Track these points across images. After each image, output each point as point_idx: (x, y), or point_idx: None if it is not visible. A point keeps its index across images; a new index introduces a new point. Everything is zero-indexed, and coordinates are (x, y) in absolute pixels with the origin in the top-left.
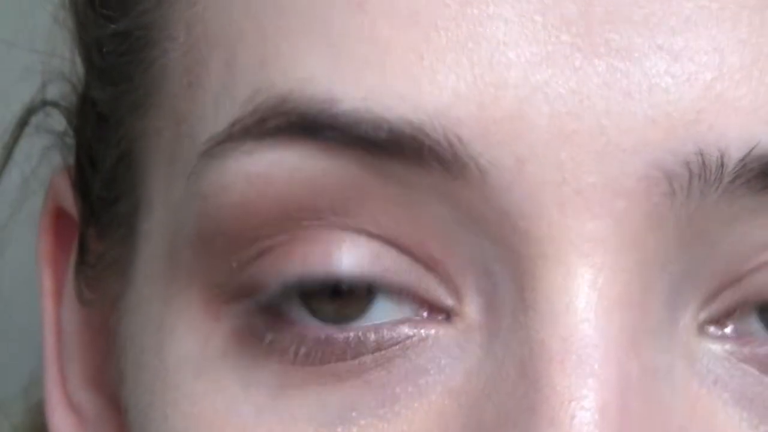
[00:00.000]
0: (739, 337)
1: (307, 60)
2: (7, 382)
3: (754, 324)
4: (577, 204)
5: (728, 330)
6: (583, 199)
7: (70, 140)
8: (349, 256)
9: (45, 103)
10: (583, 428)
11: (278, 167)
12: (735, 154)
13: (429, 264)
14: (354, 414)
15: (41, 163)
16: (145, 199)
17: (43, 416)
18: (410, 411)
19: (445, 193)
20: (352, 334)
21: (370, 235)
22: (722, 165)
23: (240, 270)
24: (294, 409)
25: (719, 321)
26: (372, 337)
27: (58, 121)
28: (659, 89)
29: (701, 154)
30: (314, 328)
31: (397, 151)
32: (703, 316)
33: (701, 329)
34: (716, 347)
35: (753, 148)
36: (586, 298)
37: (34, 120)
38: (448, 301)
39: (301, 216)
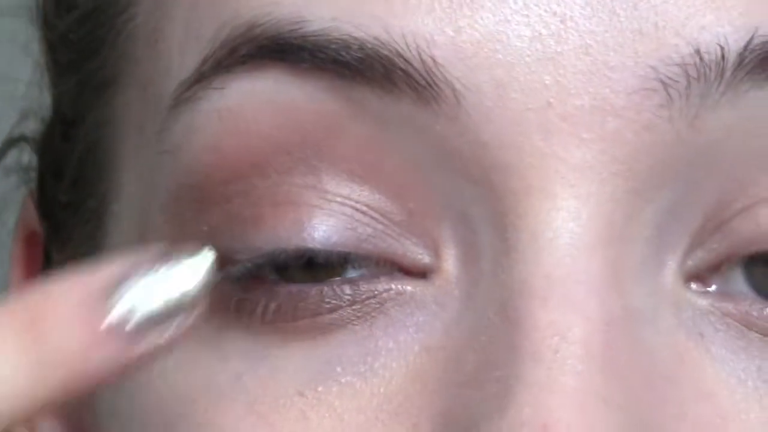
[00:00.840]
0: (721, 293)
1: None
2: None
3: (739, 282)
4: (563, 129)
5: (713, 288)
6: (569, 124)
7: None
8: (322, 229)
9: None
10: (566, 362)
11: (249, 99)
12: (734, 46)
13: (405, 222)
14: (339, 369)
15: None
16: (114, 183)
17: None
18: (388, 371)
19: (417, 126)
20: (326, 288)
21: (344, 202)
22: (723, 58)
23: (211, 237)
24: (274, 371)
25: (703, 277)
26: (347, 290)
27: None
28: (644, 2)
29: (698, 53)
30: (285, 285)
31: (367, 75)
32: (688, 264)
33: (686, 282)
34: (701, 301)
35: (752, 37)
36: (569, 232)
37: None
38: (426, 259)
39: (272, 158)
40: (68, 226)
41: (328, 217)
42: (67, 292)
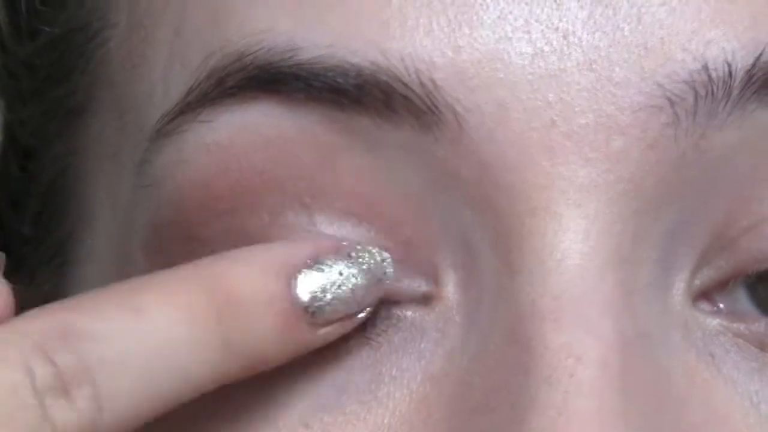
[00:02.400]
0: (730, 313)
1: (265, 11)
2: None
3: (743, 301)
4: (567, 148)
5: (720, 306)
6: (574, 143)
7: None
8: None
9: None
10: (583, 385)
11: (239, 132)
12: (741, 64)
13: (401, 254)
14: (344, 397)
15: None
16: (85, 216)
17: None
18: (392, 401)
19: (417, 152)
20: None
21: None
22: (730, 76)
23: None
24: (278, 402)
25: (710, 297)
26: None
27: None
28: (649, 16)
29: (706, 70)
30: None
31: (365, 102)
32: (696, 283)
33: (694, 302)
34: (710, 321)
35: (760, 55)
36: (578, 252)
37: None
38: (424, 287)
39: (265, 195)
40: (31, 260)
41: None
42: (259, 272)
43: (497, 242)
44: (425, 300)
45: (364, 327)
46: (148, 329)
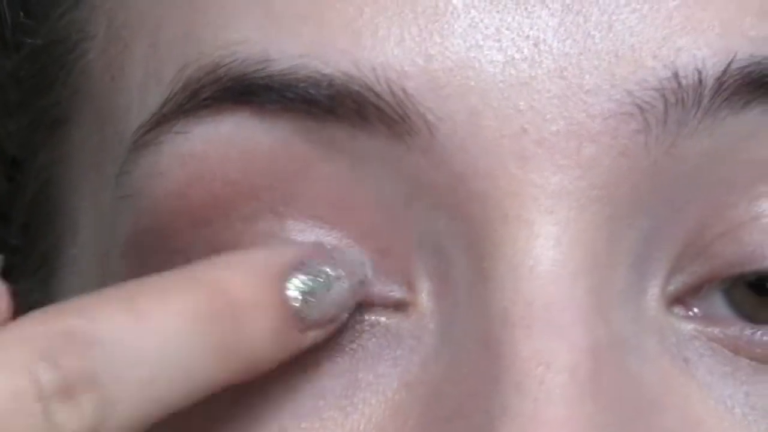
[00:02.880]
0: (705, 317)
1: (239, 23)
2: None
3: (718, 305)
4: (539, 156)
5: (695, 312)
6: (545, 150)
7: None
8: None
9: None
10: (553, 392)
11: (213, 143)
12: (712, 71)
13: (377, 258)
14: (321, 403)
15: None
16: (69, 226)
17: None
18: (368, 407)
19: (390, 161)
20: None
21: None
22: (700, 83)
23: None
24: (253, 407)
25: (685, 301)
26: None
27: None
28: (620, 24)
29: (676, 77)
30: None
31: (338, 112)
32: (670, 289)
33: (669, 307)
34: (684, 326)
35: (730, 62)
36: (550, 259)
37: None
38: (398, 294)
39: (239, 205)
40: (18, 270)
41: None
42: (253, 277)
43: (470, 250)
44: (400, 307)
45: (338, 333)
46: (150, 333)
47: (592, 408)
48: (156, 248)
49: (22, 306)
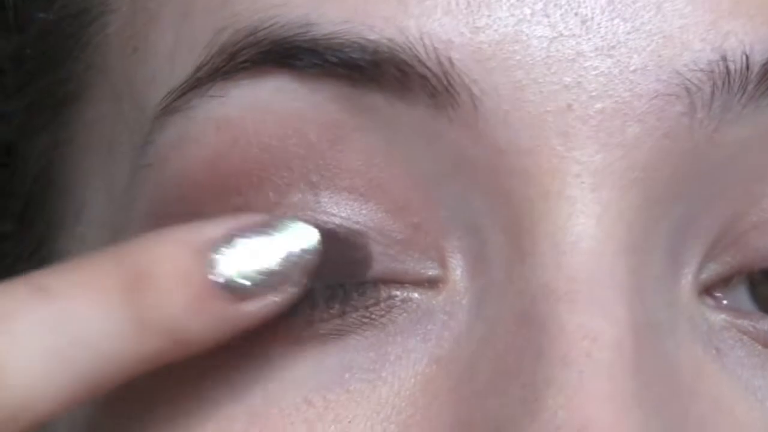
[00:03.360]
0: (734, 309)
1: None
2: None
3: (744, 299)
4: (583, 133)
5: (724, 302)
6: (590, 128)
7: None
8: None
9: None
10: (599, 366)
11: (250, 108)
12: (759, 57)
13: (407, 238)
14: (347, 375)
15: None
16: (74, 206)
17: None
18: (397, 380)
19: (429, 133)
20: (329, 293)
21: (342, 223)
22: (747, 69)
23: None
24: (281, 380)
25: (713, 292)
26: (353, 296)
27: None
28: (669, 5)
29: (725, 60)
30: None
31: (381, 80)
32: (702, 277)
33: (700, 296)
34: (715, 316)
35: None
36: (592, 237)
37: None
38: (431, 271)
39: (272, 173)
40: (11, 255)
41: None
42: (171, 250)
43: (508, 226)
44: (432, 283)
45: (367, 307)
46: (55, 309)
47: (634, 385)
48: (181, 218)
49: None
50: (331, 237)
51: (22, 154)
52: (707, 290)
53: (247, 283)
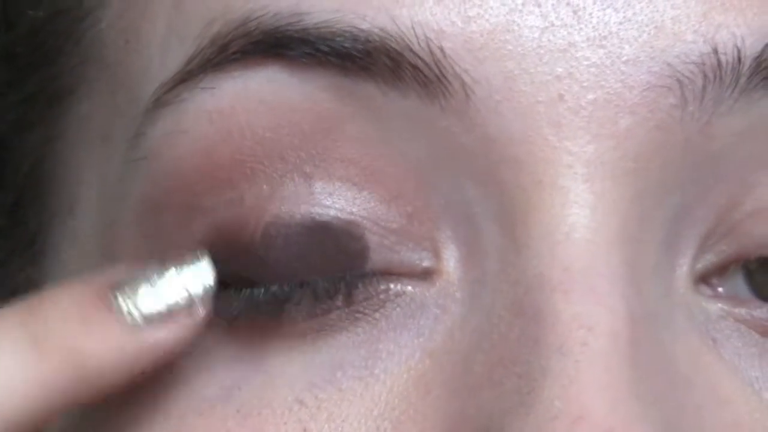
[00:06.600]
0: (731, 297)
1: None
2: None
3: (741, 287)
4: (575, 124)
5: (720, 290)
6: (581, 119)
7: None
8: None
9: None
10: (595, 355)
11: (242, 99)
12: (750, 50)
13: (402, 228)
14: (339, 374)
15: None
16: (67, 200)
17: None
18: (390, 377)
19: (421, 122)
20: (319, 287)
21: (337, 215)
22: (739, 62)
23: (195, 246)
24: (271, 379)
25: (710, 281)
26: (342, 290)
27: None
28: None
29: (716, 53)
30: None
31: (372, 69)
32: (698, 267)
33: (696, 286)
34: (712, 306)
35: None
36: (586, 227)
37: None
38: (425, 263)
39: (266, 165)
40: (3, 251)
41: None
42: (70, 292)
43: (501, 216)
44: (425, 275)
45: (360, 301)
46: None
47: (630, 375)
48: (175, 210)
49: (5, 285)
50: (327, 229)
51: (14, 148)
52: (703, 279)
53: (136, 301)
